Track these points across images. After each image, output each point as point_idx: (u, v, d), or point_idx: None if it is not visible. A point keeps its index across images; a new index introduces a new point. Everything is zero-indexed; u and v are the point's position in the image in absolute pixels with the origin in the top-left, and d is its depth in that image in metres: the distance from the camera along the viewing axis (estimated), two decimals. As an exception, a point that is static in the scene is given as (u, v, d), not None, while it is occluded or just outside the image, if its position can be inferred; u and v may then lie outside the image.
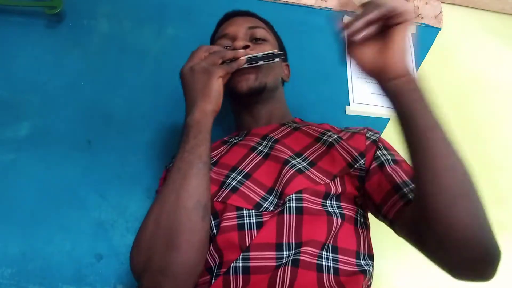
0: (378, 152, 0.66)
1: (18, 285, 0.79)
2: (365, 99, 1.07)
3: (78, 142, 0.92)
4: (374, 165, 0.65)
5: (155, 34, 1.07)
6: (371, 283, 0.63)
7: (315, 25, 1.12)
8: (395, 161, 0.65)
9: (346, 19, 0.56)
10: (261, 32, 0.79)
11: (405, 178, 0.61)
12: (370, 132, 0.71)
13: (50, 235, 0.83)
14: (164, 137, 0.95)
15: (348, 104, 1.05)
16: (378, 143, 0.68)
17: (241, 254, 0.56)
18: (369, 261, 0.62)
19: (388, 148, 0.69)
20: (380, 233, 0.69)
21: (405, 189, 0.60)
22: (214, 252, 0.60)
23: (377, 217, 0.66)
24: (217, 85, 0.63)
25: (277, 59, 0.72)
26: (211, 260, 0.59)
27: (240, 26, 0.79)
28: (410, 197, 0.58)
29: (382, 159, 0.65)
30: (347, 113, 1.04)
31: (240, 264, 0.56)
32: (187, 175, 0.57)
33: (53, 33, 1.04)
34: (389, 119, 1.06)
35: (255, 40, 0.78)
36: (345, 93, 1.07)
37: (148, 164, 0.91)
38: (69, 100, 0.97)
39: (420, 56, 1.15)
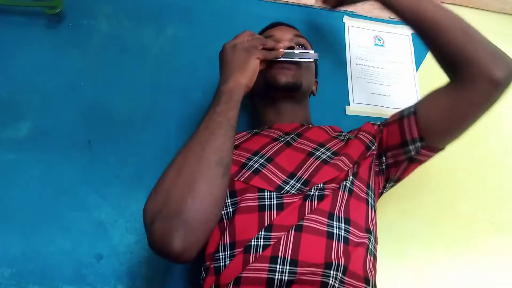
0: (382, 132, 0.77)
1: (18, 285, 0.79)
2: (365, 99, 1.07)
3: (78, 142, 0.92)
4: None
5: (155, 34, 1.07)
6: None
7: (315, 25, 1.12)
8: None
9: (346, 18, 0.58)
10: (305, 41, 0.84)
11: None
12: (372, 122, 0.81)
13: (50, 235, 0.83)
14: (164, 137, 0.95)
15: (348, 104, 1.05)
16: (380, 126, 0.79)
17: (263, 233, 0.58)
18: (373, 238, 0.65)
19: None
20: (381, 232, 0.70)
21: (406, 108, 0.72)
22: (227, 230, 0.61)
23: (408, 158, 0.72)
24: (254, 63, 0.67)
25: (312, 59, 0.76)
26: (222, 237, 0.61)
27: (287, 31, 0.84)
28: (414, 107, 0.71)
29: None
30: (347, 113, 1.04)
31: (262, 243, 0.58)
32: (214, 133, 0.59)
33: (53, 33, 1.04)
34: (389, 119, 1.06)
35: (299, 46, 0.83)
36: (345, 93, 1.07)
37: (148, 164, 0.91)
38: (69, 100, 0.96)
39: (420, 56, 1.15)
